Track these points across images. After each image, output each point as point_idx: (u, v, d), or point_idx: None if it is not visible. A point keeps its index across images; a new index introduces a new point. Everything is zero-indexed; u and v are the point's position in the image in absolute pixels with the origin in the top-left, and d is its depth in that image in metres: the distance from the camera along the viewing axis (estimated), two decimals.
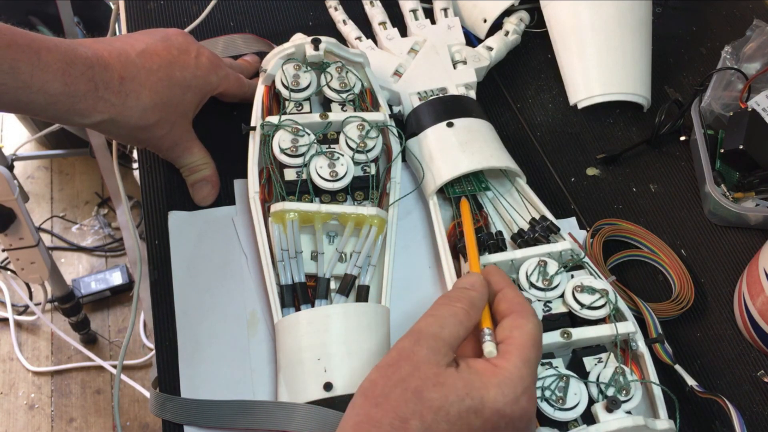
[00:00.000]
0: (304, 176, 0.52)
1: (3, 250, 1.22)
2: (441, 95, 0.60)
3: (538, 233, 0.52)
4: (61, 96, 0.46)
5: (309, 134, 0.53)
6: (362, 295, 0.49)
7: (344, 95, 0.56)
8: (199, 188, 0.55)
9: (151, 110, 0.51)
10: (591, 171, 0.62)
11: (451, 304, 0.41)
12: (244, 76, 0.60)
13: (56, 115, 0.48)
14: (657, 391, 0.46)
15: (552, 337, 0.46)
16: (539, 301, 0.48)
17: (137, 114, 0.50)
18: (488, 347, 0.40)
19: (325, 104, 0.58)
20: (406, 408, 0.36)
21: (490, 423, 0.37)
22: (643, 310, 0.51)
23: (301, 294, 0.49)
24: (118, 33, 0.78)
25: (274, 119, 0.53)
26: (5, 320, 1.43)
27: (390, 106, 0.60)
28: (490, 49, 0.65)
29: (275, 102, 0.57)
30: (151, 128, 0.52)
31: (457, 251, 0.52)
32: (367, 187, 0.53)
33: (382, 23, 0.67)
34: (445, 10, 0.67)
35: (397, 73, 0.62)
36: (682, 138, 0.63)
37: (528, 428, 0.39)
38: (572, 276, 0.50)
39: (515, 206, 0.55)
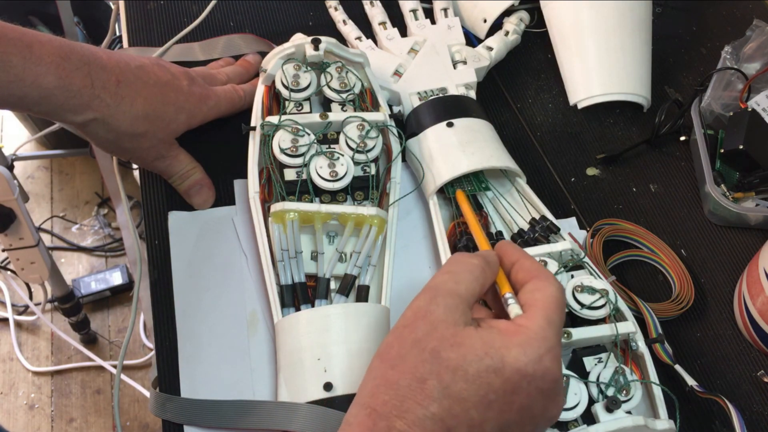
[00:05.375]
0: (304, 176, 0.51)
1: (3, 250, 1.21)
2: (441, 95, 0.60)
3: (538, 233, 0.52)
4: (56, 90, 0.46)
5: (309, 134, 0.53)
6: (362, 295, 0.49)
7: (344, 95, 0.56)
8: (195, 193, 0.55)
9: (142, 119, 0.51)
10: (591, 171, 0.62)
11: (466, 260, 0.40)
12: (244, 78, 0.60)
13: (49, 110, 0.48)
14: (657, 391, 0.46)
15: None
16: None
17: (129, 120, 0.50)
18: (514, 309, 0.39)
19: (325, 104, 0.58)
20: (423, 368, 0.35)
21: (510, 383, 0.35)
22: (643, 310, 0.51)
23: (301, 294, 0.48)
24: (118, 33, 0.78)
25: (274, 119, 0.53)
26: (5, 320, 1.43)
27: (390, 106, 0.60)
28: (490, 49, 0.65)
29: (275, 102, 0.57)
30: (139, 138, 0.51)
31: (457, 251, 0.52)
32: (367, 187, 0.53)
33: (382, 23, 0.67)
34: (445, 10, 0.67)
35: (397, 73, 0.62)
36: (682, 138, 0.63)
37: (554, 390, 0.36)
38: (572, 276, 0.50)
39: (515, 206, 0.55)
